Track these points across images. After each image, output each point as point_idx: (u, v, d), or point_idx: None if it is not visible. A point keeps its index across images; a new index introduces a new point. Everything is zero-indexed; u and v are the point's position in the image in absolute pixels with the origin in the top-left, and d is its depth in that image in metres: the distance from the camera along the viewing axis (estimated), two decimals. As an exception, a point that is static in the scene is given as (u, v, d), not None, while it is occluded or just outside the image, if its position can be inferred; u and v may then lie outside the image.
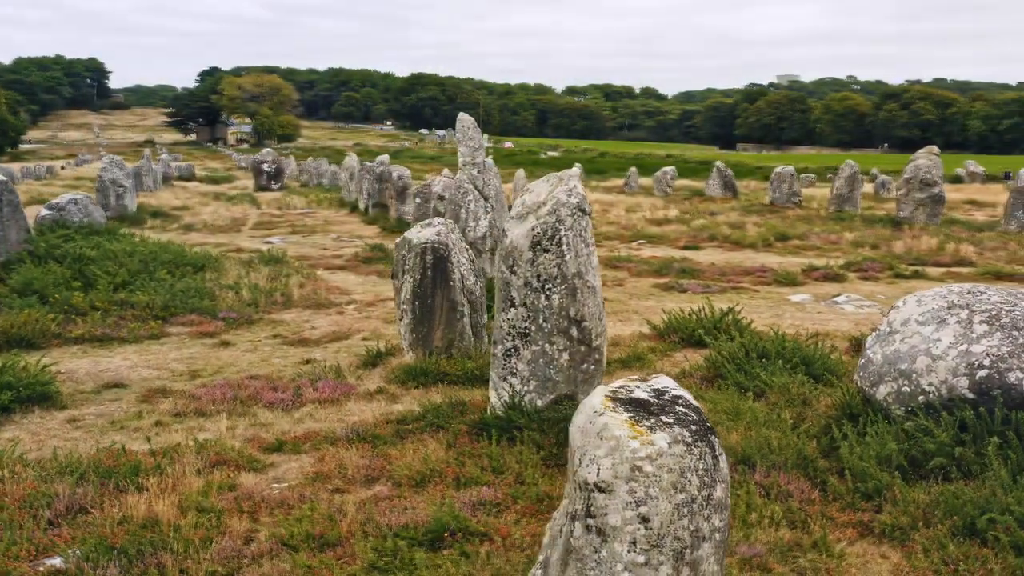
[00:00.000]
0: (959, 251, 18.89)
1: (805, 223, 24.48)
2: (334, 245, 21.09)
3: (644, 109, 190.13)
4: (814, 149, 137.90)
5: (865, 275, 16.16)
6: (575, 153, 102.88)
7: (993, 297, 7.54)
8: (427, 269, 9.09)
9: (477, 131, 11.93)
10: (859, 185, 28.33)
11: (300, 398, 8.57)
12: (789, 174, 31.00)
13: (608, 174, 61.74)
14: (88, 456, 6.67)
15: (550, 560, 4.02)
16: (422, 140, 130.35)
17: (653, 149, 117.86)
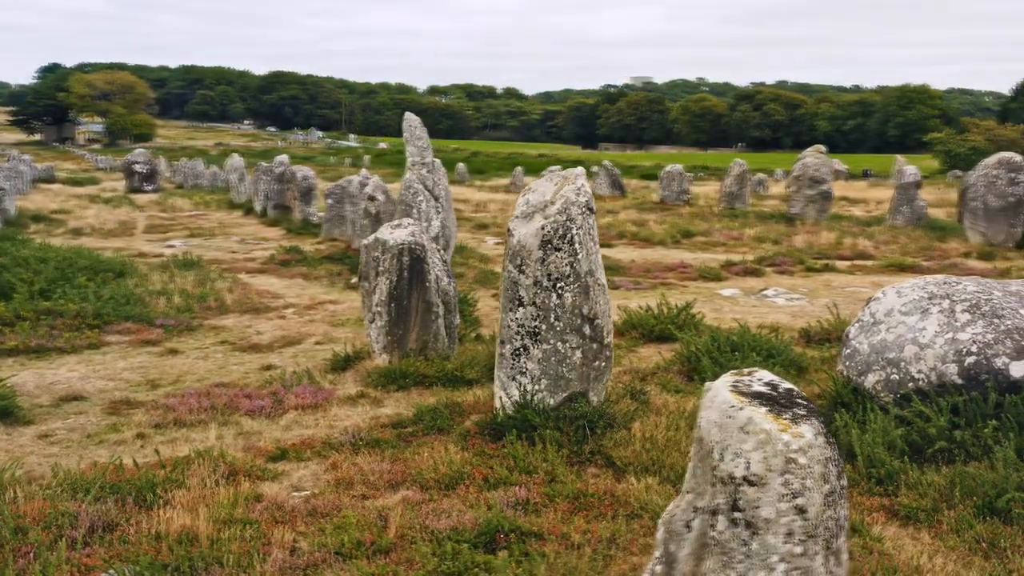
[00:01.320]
0: (856, 245, 19.76)
1: (703, 220, 25.19)
2: (242, 248, 20.51)
3: (507, 109, 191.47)
4: (674, 149, 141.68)
5: (780, 269, 16.73)
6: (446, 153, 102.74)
7: (970, 287, 7.93)
8: (403, 270, 8.97)
9: (424, 130, 11.82)
10: (748, 183, 29.32)
11: (281, 405, 8.34)
12: (678, 172, 31.82)
13: (489, 173, 62.02)
14: (90, 472, 6.33)
15: (676, 556, 4.04)
16: (285, 140, 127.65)
17: (524, 149, 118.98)
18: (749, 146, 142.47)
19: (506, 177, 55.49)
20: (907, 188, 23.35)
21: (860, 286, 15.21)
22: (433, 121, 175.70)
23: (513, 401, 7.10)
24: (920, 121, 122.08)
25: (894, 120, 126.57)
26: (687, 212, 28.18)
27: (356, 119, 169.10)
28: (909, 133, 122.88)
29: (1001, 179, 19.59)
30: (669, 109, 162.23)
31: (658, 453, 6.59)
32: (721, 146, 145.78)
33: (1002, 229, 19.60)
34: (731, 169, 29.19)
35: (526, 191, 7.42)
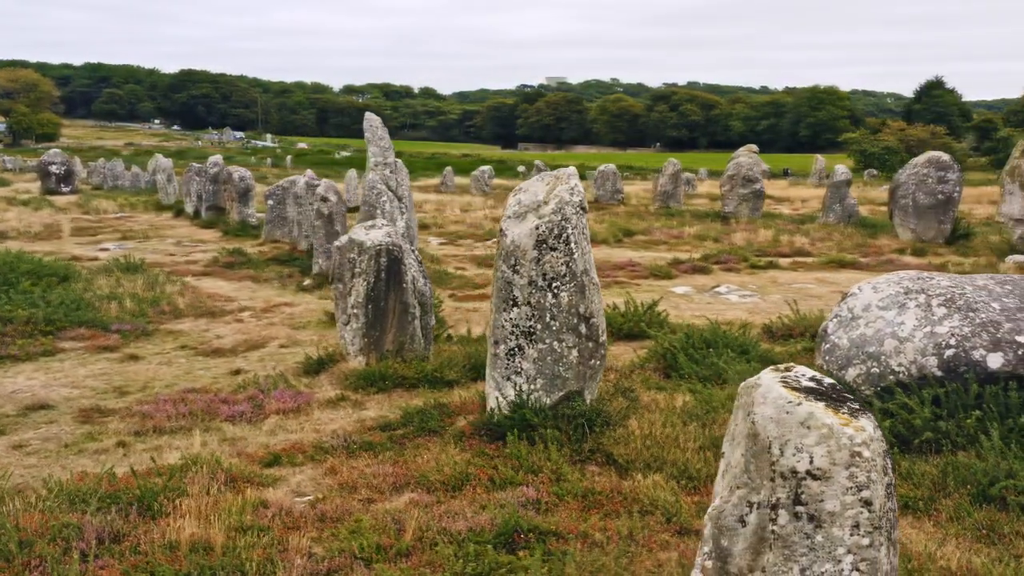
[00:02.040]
0: (794, 243, 20.19)
1: (640, 219, 25.46)
2: (180, 251, 20.05)
3: (425, 109, 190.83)
4: (593, 148, 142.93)
5: (726, 267, 17.01)
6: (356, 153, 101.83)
7: (943, 282, 8.18)
8: (381, 271, 8.89)
9: (385, 130, 11.72)
10: (682, 182, 29.73)
11: (261, 410, 8.20)
12: (612, 172, 32.10)
13: (416, 173, 61.49)
14: (83, 483, 6.13)
15: (730, 550, 4.08)
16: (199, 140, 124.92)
17: (446, 149, 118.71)
18: (666, 146, 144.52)
19: (434, 177, 55.31)
20: (839, 187, 23.96)
21: (806, 282, 15.55)
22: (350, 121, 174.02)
23: (509, 401, 7.09)
24: (830, 121, 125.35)
25: (805, 120, 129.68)
26: (623, 211, 28.45)
27: (272, 119, 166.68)
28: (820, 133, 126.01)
29: (931, 178, 20.23)
30: (587, 109, 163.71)
31: (658, 450, 6.65)
32: (639, 146, 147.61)
33: (932, 226, 20.24)
34: (665, 168, 29.56)
35: (516, 191, 7.41)
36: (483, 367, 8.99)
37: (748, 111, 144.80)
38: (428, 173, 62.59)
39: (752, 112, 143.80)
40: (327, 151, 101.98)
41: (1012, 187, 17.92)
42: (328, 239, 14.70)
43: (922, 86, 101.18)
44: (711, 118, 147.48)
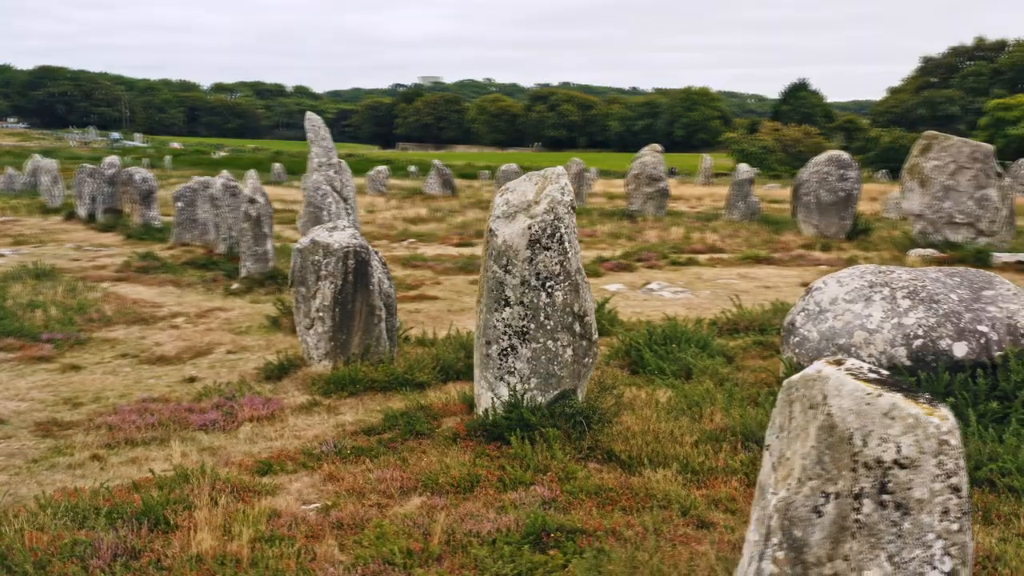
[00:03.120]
0: (705, 239, 20.69)
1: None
2: (83, 256, 19.23)
3: (299, 108, 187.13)
4: (474, 148, 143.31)
5: (648, 264, 17.31)
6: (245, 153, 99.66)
7: (904, 275, 8.52)
8: (348, 274, 8.73)
9: (327, 131, 11.50)
10: (585, 181, 30.09)
11: (233, 417, 7.97)
12: (514, 172, 32.21)
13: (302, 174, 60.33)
14: (75, 498, 5.85)
15: (806, 540, 4.17)
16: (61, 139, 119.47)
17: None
18: (546, 145, 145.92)
19: (322, 177, 54.39)
20: (742, 185, 24.66)
21: (729, 278, 15.95)
22: (222, 120, 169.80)
23: (503, 401, 7.07)
24: (703, 121, 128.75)
25: (680, 120, 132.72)
26: (527, 210, 28.59)
27: (138, 117, 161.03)
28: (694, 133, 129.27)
29: (832, 175, 21.01)
30: (466, 109, 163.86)
31: (658, 445, 6.74)
32: (519, 145, 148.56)
33: (834, 222, 21.03)
34: (569, 168, 29.84)
35: (503, 191, 7.39)
36: (452, 368, 8.97)
37: (625, 111, 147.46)
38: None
39: (629, 112, 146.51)
40: (203, 151, 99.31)
41: (911, 184, 18.77)
42: (257, 242, 14.35)
43: (788, 88, 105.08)
44: (589, 118, 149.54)
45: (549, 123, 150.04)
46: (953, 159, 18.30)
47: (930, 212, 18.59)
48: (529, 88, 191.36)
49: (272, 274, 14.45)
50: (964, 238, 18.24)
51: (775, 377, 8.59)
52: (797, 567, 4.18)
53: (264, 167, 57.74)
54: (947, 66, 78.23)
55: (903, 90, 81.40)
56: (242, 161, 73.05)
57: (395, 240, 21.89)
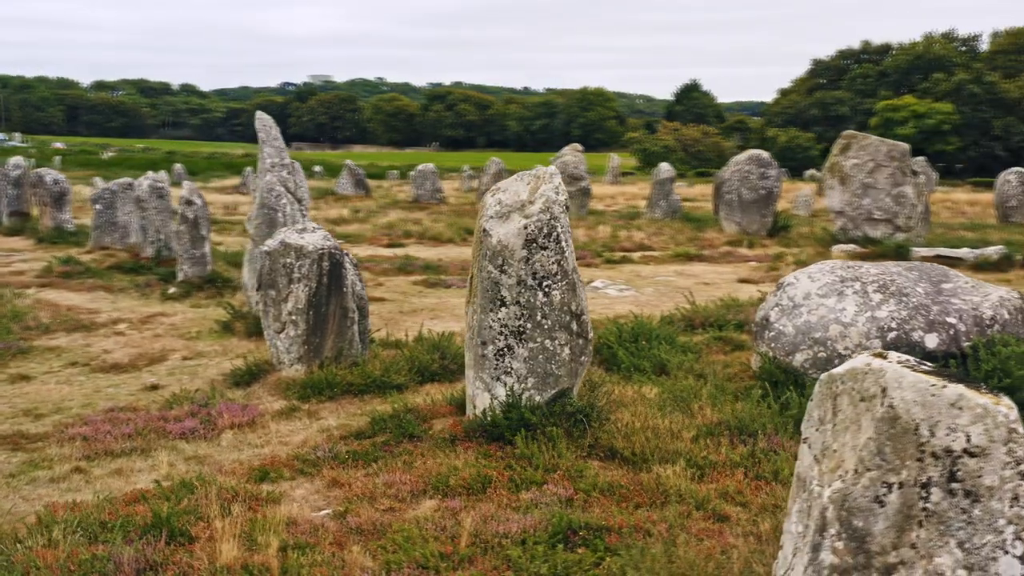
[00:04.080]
0: (632, 237, 20.96)
1: (473, 218, 25.58)
2: (-4, 261, 18.36)
3: (187, 106, 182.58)
4: (371, 148, 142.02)
5: (585, 262, 17.44)
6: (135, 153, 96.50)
7: (872, 270, 8.79)
8: (323, 276, 8.57)
9: (278, 130, 11.25)
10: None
11: (213, 425, 7.74)
12: (431, 172, 32.10)
13: (205, 174, 59.02)
14: (78, 513, 5.62)
15: (868, 530, 4.26)
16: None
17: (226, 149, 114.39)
18: (443, 145, 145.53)
19: (227, 178, 53.23)
20: (664, 184, 25.07)
21: (667, 275, 16.20)
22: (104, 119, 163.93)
23: (500, 402, 7.03)
24: (599, 121, 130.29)
25: (577, 120, 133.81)
26: (448, 210, 28.53)
27: (13, 115, 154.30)
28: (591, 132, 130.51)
29: (753, 174, 21.54)
30: (362, 108, 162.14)
31: (659, 442, 6.79)
32: (416, 145, 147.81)
33: (755, 219, 21.56)
34: (488, 167, 29.88)
35: (495, 191, 7.36)
36: (428, 370, 8.89)
37: (523, 111, 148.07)
38: (216, 174, 60.11)
39: (526, 113, 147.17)
40: (90, 151, 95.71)
41: (832, 182, 19.38)
42: (194, 244, 13.96)
43: (681, 88, 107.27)
44: (487, 118, 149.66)
45: (447, 123, 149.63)
46: (871, 157, 18.96)
47: (850, 209, 19.21)
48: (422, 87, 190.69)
49: (211, 278, 14.08)
50: (883, 234, 18.91)
51: (752, 371, 8.75)
52: (859, 556, 4.26)
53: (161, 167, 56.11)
54: (836, 68, 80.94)
55: (793, 91, 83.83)
56: (135, 161, 70.77)
57: (322, 241, 21.53)
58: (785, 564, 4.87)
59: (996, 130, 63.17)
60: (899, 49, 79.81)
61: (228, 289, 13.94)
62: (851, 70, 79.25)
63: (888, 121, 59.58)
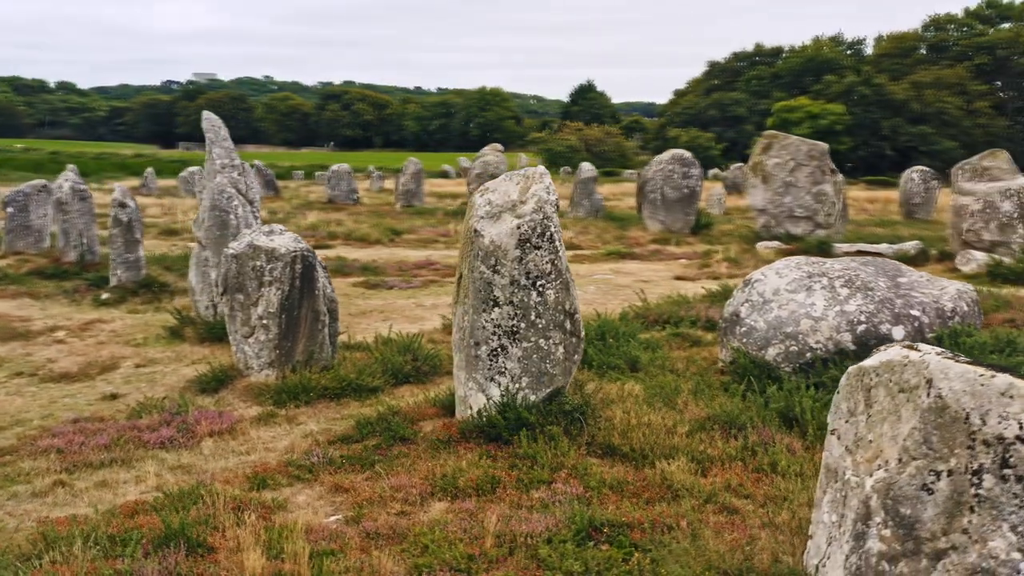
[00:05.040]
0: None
1: (394, 219, 25.41)
2: (-99, 268, 17.39)
3: (66, 105, 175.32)
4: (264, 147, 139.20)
5: (519, 262, 17.45)
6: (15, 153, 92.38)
7: (836, 266, 9.04)
8: (296, 279, 8.40)
9: (226, 130, 10.96)
10: (423, 181, 29.94)
11: (192, 433, 7.51)
12: (346, 172, 31.70)
13: (98, 175, 56.84)
14: (83, 526, 5.39)
15: (917, 517, 4.39)
16: None
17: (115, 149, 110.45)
18: (340, 145, 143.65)
19: (122, 179, 51.45)
20: (586, 183, 25.28)
21: (604, 274, 16.35)
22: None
23: (495, 402, 7.00)
24: (497, 121, 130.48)
25: (476, 120, 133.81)
26: (365, 211, 28.23)
27: None
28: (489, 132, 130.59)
29: (676, 173, 21.91)
30: (253, 107, 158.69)
31: (655, 438, 6.86)
32: (311, 145, 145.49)
33: (679, 217, 21.94)
34: (406, 168, 29.66)
35: (484, 191, 7.34)
36: (401, 372, 8.80)
37: (421, 111, 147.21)
38: (111, 175, 58.05)
39: (424, 112, 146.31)
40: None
41: (755, 181, 19.85)
42: (128, 248, 13.51)
43: (576, 88, 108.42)
44: (384, 117, 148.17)
45: (343, 122, 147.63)
46: (792, 157, 19.49)
47: (772, 207, 19.72)
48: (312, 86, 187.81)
49: (146, 282, 13.64)
50: (804, 230, 19.46)
51: (722, 366, 8.90)
52: (908, 543, 4.38)
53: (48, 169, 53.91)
54: (731, 70, 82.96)
55: (689, 92, 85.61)
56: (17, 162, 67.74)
57: (245, 244, 21.05)
58: (819, 554, 4.97)
59: (885, 130, 65.61)
60: (790, 52, 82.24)
61: (165, 294, 13.52)
62: (745, 72, 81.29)
63: (785, 121, 61.21)
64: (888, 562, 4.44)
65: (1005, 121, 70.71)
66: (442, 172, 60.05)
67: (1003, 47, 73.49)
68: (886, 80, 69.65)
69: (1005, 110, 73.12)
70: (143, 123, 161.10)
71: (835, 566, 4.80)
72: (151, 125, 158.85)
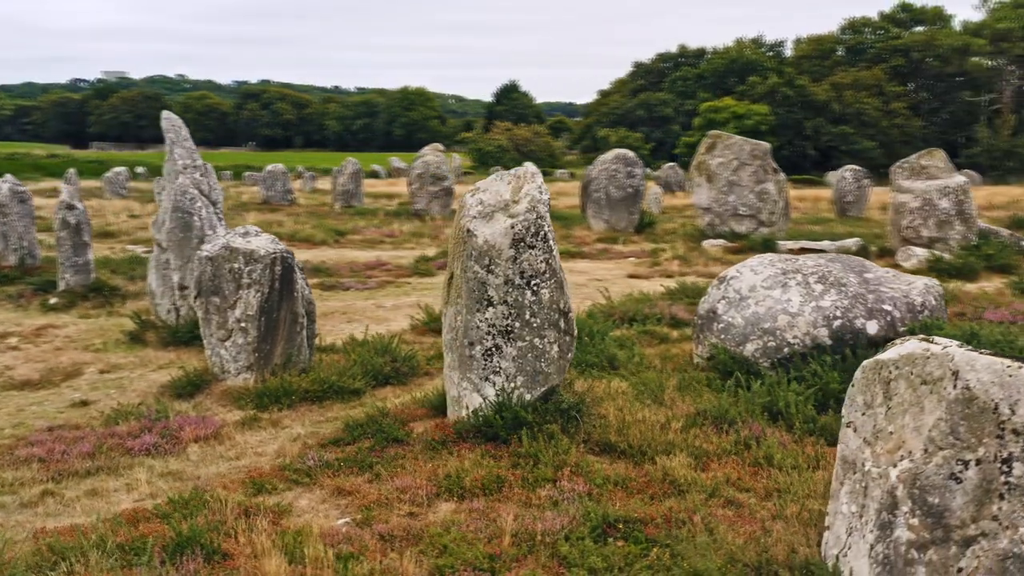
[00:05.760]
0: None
1: (336, 219, 25.13)
2: None
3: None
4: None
5: (471, 262, 17.43)
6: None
7: (808, 262, 9.21)
8: (276, 281, 8.28)
9: (187, 130, 10.73)
10: (361, 182, 29.67)
11: (176, 439, 7.34)
12: (282, 172, 31.25)
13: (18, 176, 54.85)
14: (85, 537, 5.23)
15: (946, 505, 4.50)
16: None
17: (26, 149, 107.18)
18: (260, 145, 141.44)
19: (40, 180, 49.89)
20: (529, 182, 25.28)
21: (558, 273, 16.36)
22: None
23: (490, 402, 6.99)
24: (422, 121, 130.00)
25: (399, 120, 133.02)
26: (303, 211, 27.88)
27: None
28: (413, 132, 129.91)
29: (620, 173, 22.09)
30: (170, 106, 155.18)
31: (651, 434, 6.92)
32: (230, 145, 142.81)
33: (623, 217, 22.12)
34: (344, 168, 29.35)
35: (475, 191, 7.33)
36: (381, 373, 8.72)
37: (343, 111, 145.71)
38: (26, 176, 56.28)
39: (347, 112, 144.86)
40: None
41: (700, 180, 20.12)
42: (76, 252, 13.14)
43: (500, 88, 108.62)
44: (304, 117, 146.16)
45: (263, 122, 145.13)
46: (736, 156, 19.81)
47: (717, 205, 20.01)
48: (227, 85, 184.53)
49: (96, 286, 13.28)
50: (748, 228, 19.79)
51: (698, 361, 9.00)
52: (937, 531, 4.49)
53: (-46, 169, 52.08)
54: (656, 71, 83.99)
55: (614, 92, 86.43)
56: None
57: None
58: (839, 544, 5.07)
59: (807, 130, 67.09)
60: (714, 53, 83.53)
61: (117, 298, 13.18)
62: (671, 73, 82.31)
63: (711, 122, 62.17)
64: (917, 550, 4.54)
65: (920, 122, 72.81)
66: (372, 172, 59.62)
67: (917, 50, 75.71)
68: (808, 81, 71.25)
69: (920, 111, 75.29)
70: (52, 122, 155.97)
71: (858, 555, 4.89)
72: (61, 124, 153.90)
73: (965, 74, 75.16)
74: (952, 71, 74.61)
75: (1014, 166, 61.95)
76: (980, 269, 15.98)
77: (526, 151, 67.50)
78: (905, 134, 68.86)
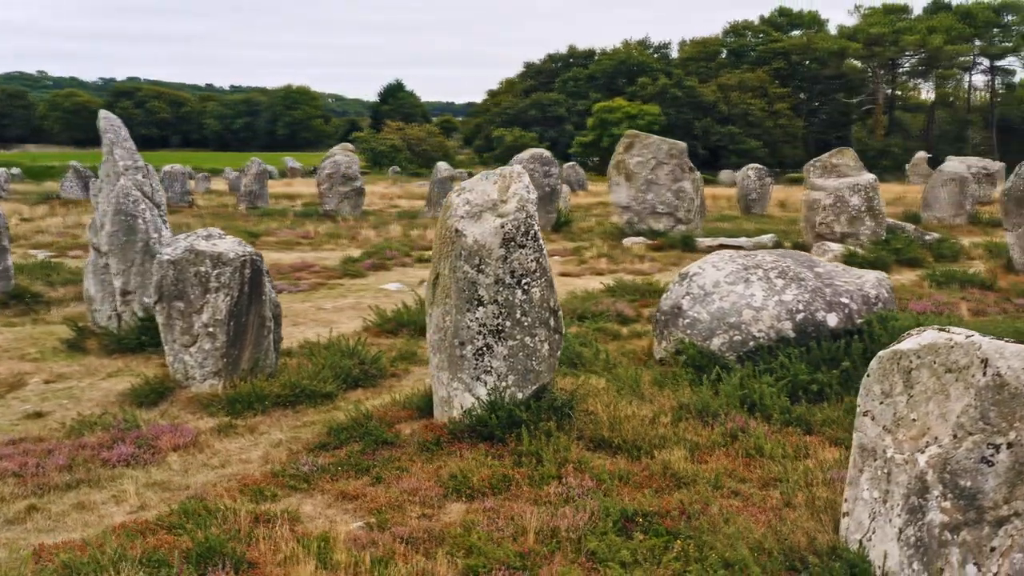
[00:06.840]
0: (426, 236, 21.00)
1: (245, 220, 24.53)
2: None
3: None
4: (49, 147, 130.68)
5: (398, 262, 17.32)
6: None
7: (767, 258, 9.46)
8: (244, 285, 8.07)
9: (127, 130, 10.33)
10: (267, 182, 29.04)
11: (155, 449, 7.09)
12: (181, 173, 30.35)
13: None
14: (101, 549, 5.03)
15: (979, 488, 4.70)
16: None
17: None
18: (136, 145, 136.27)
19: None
20: (443, 183, 25.23)
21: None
22: None
23: (482, 401, 6.97)
24: (306, 120, 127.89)
25: (282, 119, 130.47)
26: (207, 213, 27.14)
27: None
28: (297, 132, 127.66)
29: (537, 172, 22.20)
30: (35, 104, 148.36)
31: (644, 430, 7.01)
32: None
33: (541, 215, 22.23)
34: (248, 168, 28.68)
35: (461, 191, 7.30)
36: (351, 376, 8.59)
37: (223, 110, 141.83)
38: None
39: (226, 111, 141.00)
40: None
41: (618, 179, 20.41)
42: (-4, 256, 12.50)
43: (386, 88, 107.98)
44: (182, 116, 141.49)
45: (137, 121, 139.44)
46: (654, 155, 20.16)
47: (636, 204, 20.33)
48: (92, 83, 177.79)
49: (16, 293, 12.67)
50: (666, 226, 20.17)
51: (663, 356, 9.12)
52: (970, 512, 4.68)
53: None
54: (547, 71, 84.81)
55: (503, 92, 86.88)
56: None
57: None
58: (861, 529, 5.22)
59: (696, 130, 68.75)
60: (603, 54, 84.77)
61: (40, 305, 12.60)
62: (561, 73, 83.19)
63: (604, 121, 63.24)
64: (950, 531, 4.71)
65: (802, 122, 75.55)
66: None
67: (796, 53, 78.53)
68: (696, 83, 73.04)
69: (801, 111, 78.12)
70: None
71: (885, 539, 5.04)
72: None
73: (841, 76, 78.31)
74: (829, 73, 77.64)
75: (888, 165, 64.73)
76: (891, 262, 16.65)
77: (419, 150, 67.27)
78: (788, 134, 71.30)
